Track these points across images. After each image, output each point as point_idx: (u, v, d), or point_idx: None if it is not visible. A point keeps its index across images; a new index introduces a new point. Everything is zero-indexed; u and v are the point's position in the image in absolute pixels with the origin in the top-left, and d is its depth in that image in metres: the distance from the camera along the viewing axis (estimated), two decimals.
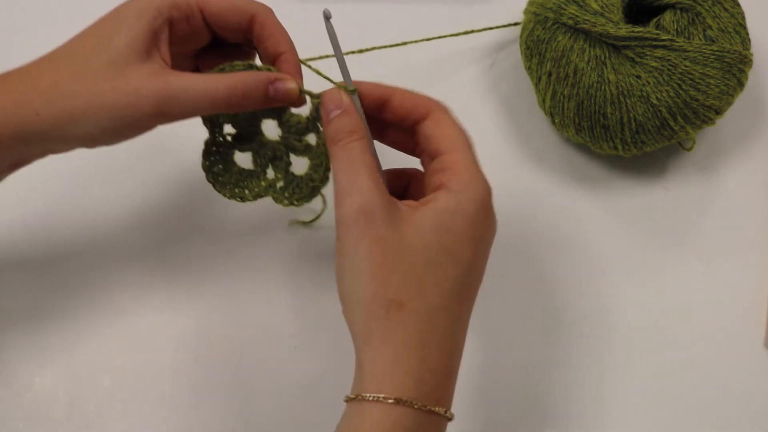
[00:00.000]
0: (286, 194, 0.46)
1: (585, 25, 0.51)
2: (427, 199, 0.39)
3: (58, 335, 0.51)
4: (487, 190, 0.39)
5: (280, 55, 0.43)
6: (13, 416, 0.48)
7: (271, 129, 0.46)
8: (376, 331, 0.36)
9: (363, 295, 0.37)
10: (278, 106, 0.44)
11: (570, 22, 0.52)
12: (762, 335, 0.52)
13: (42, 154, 0.43)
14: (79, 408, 0.49)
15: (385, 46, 0.55)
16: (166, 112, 0.40)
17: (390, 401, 0.35)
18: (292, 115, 0.44)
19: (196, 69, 0.47)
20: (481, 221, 0.39)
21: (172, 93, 0.39)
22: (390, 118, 0.43)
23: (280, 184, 0.46)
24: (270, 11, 0.43)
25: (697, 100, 0.51)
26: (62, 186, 0.55)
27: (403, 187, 0.45)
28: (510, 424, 0.50)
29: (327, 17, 0.40)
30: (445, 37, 0.58)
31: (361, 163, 0.38)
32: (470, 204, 0.38)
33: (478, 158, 0.40)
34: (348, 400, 0.37)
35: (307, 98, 0.43)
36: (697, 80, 0.50)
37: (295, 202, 0.46)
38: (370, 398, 0.35)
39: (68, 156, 0.44)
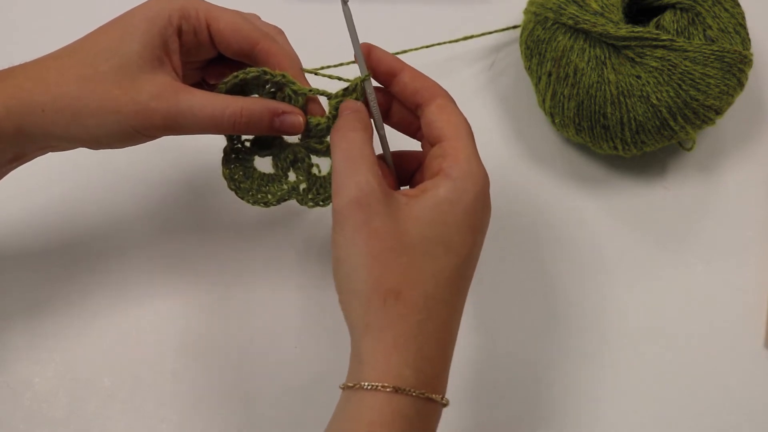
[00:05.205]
0: (310, 195, 0.46)
1: (585, 25, 0.51)
2: (426, 186, 0.39)
3: (59, 335, 0.51)
4: (485, 180, 0.40)
5: None
6: (13, 416, 0.48)
7: None
8: (374, 320, 0.36)
9: (360, 286, 0.37)
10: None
11: (570, 22, 0.52)
12: (762, 335, 0.52)
13: (43, 150, 0.43)
14: (79, 408, 0.49)
15: None
16: (173, 128, 0.40)
17: (389, 390, 0.35)
18: (311, 117, 0.43)
19: (202, 80, 0.47)
20: (478, 211, 0.39)
21: (181, 111, 0.40)
22: (397, 93, 0.43)
23: (302, 186, 0.46)
24: (275, 39, 0.43)
25: (697, 100, 0.51)
26: (62, 187, 0.55)
27: (412, 170, 0.45)
28: (505, 422, 0.50)
29: (345, 1, 0.41)
30: (443, 43, 0.58)
31: (360, 155, 0.38)
32: (469, 193, 0.38)
33: (477, 148, 0.40)
34: (345, 387, 0.37)
35: (325, 99, 0.43)
36: (697, 80, 0.50)
37: (321, 203, 0.46)
38: (369, 387, 0.35)
39: (68, 155, 0.44)
